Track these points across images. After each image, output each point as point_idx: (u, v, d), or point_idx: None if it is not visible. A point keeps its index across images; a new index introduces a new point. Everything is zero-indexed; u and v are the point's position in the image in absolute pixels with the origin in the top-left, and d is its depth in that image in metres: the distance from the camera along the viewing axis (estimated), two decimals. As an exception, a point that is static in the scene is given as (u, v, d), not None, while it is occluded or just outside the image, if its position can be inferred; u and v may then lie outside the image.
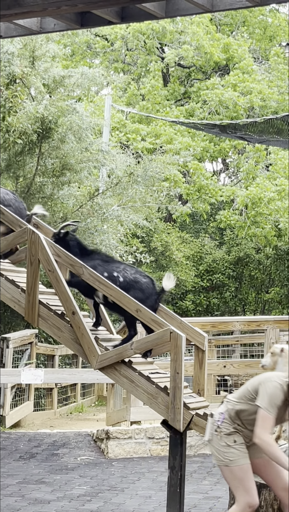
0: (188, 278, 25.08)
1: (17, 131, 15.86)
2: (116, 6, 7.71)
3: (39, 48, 17.73)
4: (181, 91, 29.25)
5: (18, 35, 8.13)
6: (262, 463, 6.30)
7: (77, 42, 30.67)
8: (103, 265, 8.44)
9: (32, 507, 8.89)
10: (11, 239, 8.55)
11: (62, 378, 14.80)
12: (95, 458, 11.63)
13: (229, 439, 6.21)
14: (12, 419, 14.54)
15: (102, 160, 18.17)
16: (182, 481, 7.87)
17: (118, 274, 8.39)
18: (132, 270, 8.52)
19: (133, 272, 8.51)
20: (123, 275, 8.40)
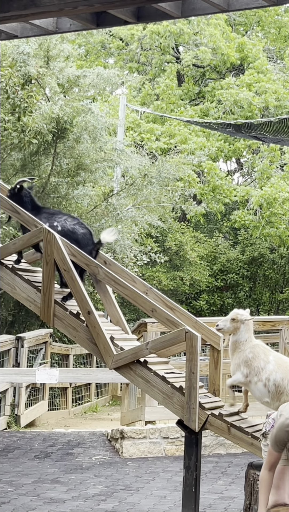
0: (202, 278, 25.06)
1: (33, 131, 15.88)
2: (132, 6, 7.71)
3: (53, 48, 17.76)
4: (195, 90, 29.22)
5: (34, 35, 8.14)
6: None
7: (91, 42, 30.69)
8: (47, 217, 8.77)
9: (47, 506, 8.90)
10: (27, 239, 8.57)
11: (76, 378, 14.82)
12: (110, 457, 11.64)
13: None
14: (27, 419, 14.57)
15: (117, 160, 18.19)
16: (197, 481, 7.87)
17: (58, 224, 8.70)
18: (73, 222, 8.80)
19: (74, 223, 8.78)
20: (62, 225, 8.70)
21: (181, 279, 24.57)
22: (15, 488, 9.72)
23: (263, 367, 7.80)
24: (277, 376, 7.77)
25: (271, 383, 7.76)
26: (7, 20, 7.30)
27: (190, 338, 7.78)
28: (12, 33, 8.18)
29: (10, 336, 14.64)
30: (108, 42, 30.93)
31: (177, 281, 24.42)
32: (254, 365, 7.82)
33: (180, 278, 24.56)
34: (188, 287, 24.73)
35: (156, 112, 27.01)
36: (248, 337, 7.99)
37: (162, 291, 21.75)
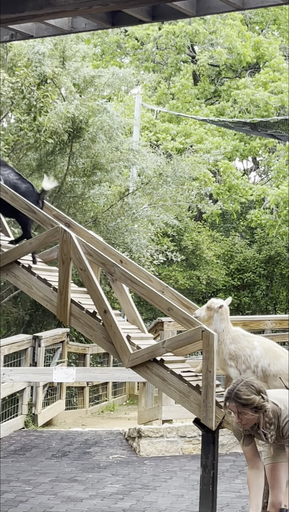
0: (219, 277, 25.04)
1: (48, 131, 15.92)
2: (147, 5, 7.71)
3: (69, 48, 17.80)
4: (211, 89, 29.19)
5: (50, 35, 8.16)
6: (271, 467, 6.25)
7: (107, 42, 30.72)
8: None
9: (65, 505, 8.92)
10: (43, 238, 8.59)
11: (93, 377, 14.84)
12: (127, 456, 11.65)
13: None
14: (44, 418, 14.60)
15: (133, 159, 18.21)
16: (214, 479, 7.86)
17: (1, 177, 8.81)
18: (15, 176, 8.91)
19: (16, 178, 8.89)
20: (5, 178, 8.82)
21: (198, 278, 24.56)
22: (33, 487, 9.75)
23: (250, 354, 7.83)
24: (264, 363, 7.79)
25: (259, 369, 7.81)
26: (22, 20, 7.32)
27: (206, 336, 7.77)
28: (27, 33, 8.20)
29: (27, 335, 14.68)
30: (124, 42, 30.95)
31: (194, 280, 24.41)
32: (240, 354, 7.82)
33: (197, 277, 24.55)
34: (205, 286, 24.71)
35: (171, 111, 27.00)
36: (225, 327, 7.99)
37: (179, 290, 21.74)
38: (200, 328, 7.80)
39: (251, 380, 6.00)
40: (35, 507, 8.77)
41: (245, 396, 5.82)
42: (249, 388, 5.87)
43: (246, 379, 5.95)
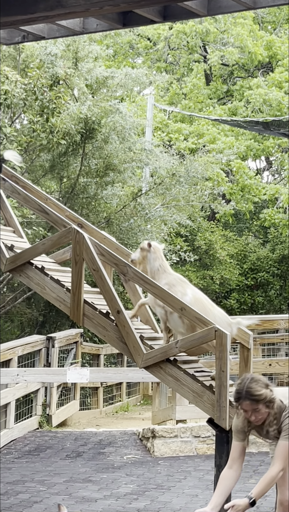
0: (232, 276, 25.01)
1: (61, 132, 15.94)
2: (159, 5, 7.71)
3: (82, 49, 17.82)
4: (224, 89, 29.16)
5: (61, 36, 8.16)
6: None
7: (119, 42, 30.74)
8: None
9: (79, 505, 8.93)
10: (56, 239, 8.60)
11: (107, 377, 14.85)
12: (141, 456, 11.66)
13: None
14: (59, 418, 14.63)
15: (146, 160, 18.21)
16: (228, 479, 7.85)
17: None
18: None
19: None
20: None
21: (211, 278, 24.53)
22: (47, 487, 9.77)
23: (180, 298, 7.95)
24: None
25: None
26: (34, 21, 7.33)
27: (219, 336, 7.77)
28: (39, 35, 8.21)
29: (41, 336, 14.71)
30: (136, 42, 30.97)
31: (207, 280, 24.39)
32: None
33: (210, 277, 24.52)
34: (218, 286, 24.68)
35: (184, 111, 26.99)
36: (159, 265, 8.25)
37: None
38: (213, 328, 7.80)
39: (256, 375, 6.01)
40: (49, 507, 8.79)
41: (257, 392, 5.82)
42: (258, 383, 5.87)
43: (250, 375, 5.96)
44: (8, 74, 15.14)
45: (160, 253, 8.36)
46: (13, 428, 12.83)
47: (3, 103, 14.98)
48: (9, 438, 12.67)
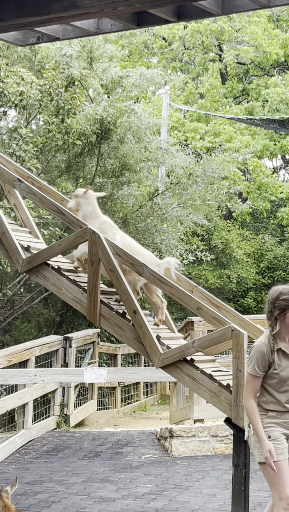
0: (249, 275, 24.98)
1: (76, 133, 15.97)
2: (173, 5, 7.71)
3: (97, 50, 17.84)
4: (239, 88, 29.12)
5: (76, 36, 8.18)
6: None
7: (134, 42, 30.75)
8: None
9: (98, 505, 8.94)
10: (72, 239, 8.62)
11: (125, 377, 14.87)
12: (159, 456, 11.66)
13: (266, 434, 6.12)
14: (76, 418, 14.65)
15: (161, 159, 18.21)
16: (246, 479, 7.85)
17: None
18: None
19: None
20: None
21: (228, 277, 24.50)
22: (66, 487, 9.79)
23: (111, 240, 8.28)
24: None
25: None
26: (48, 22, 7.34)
27: (236, 335, 7.76)
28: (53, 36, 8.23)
29: (58, 336, 14.74)
30: (151, 42, 30.97)
31: (224, 279, 24.36)
32: None
33: (227, 276, 24.49)
34: (235, 285, 24.66)
35: (199, 110, 26.98)
36: (92, 210, 8.69)
37: (209, 289, 21.73)
38: (229, 327, 7.79)
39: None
40: (68, 507, 8.80)
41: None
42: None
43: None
44: (24, 75, 15.18)
45: (93, 199, 8.80)
46: (31, 428, 12.86)
47: (19, 104, 15.02)
48: (27, 438, 12.70)
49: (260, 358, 6.07)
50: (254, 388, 6.08)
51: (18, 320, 17.96)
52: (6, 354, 12.12)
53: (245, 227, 27.66)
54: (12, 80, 14.92)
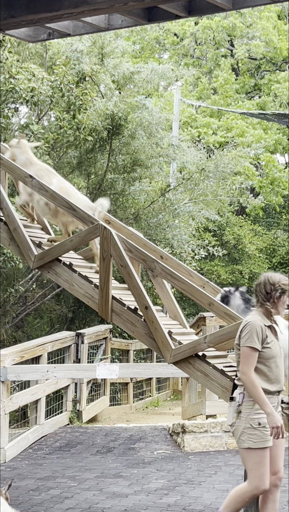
0: (261, 270, 24.92)
1: (88, 128, 15.98)
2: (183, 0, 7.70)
3: (108, 45, 17.83)
4: (251, 83, 29.07)
5: (86, 32, 8.18)
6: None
7: (146, 38, 30.72)
8: None
9: (110, 500, 8.96)
10: (84, 235, 8.62)
11: (137, 373, 14.87)
12: (171, 452, 11.66)
13: (254, 421, 6.31)
14: (89, 414, 14.68)
15: (173, 155, 18.19)
16: (258, 474, 7.84)
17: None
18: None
19: None
20: None
21: (240, 272, 24.47)
22: (78, 483, 9.81)
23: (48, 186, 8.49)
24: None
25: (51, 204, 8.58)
26: (59, 18, 7.36)
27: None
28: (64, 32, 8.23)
29: (70, 332, 14.76)
30: (163, 38, 30.93)
31: (236, 274, 24.34)
32: None
33: (239, 272, 24.47)
34: (247, 281, 24.62)
35: (211, 106, 26.94)
36: (26, 158, 8.85)
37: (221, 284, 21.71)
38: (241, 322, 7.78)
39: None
40: (80, 503, 8.82)
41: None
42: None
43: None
44: (35, 71, 15.19)
45: (26, 148, 8.96)
46: (43, 424, 12.89)
47: (30, 100, 15.03)
48: (40, 434, 12.73)
49: (259, 332, 6.39)
50: (253, 362, 6.34)
51: (31, 316, 18.00)
52: (19, 350, 12.16)
53: (257, 222, 27.62)
54: (24, 77, 14.93)
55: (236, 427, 6.37)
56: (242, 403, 6.35)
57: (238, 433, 6.34)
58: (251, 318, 6.50)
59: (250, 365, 6.31)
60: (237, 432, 6.35)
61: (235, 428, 6.38)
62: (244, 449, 6.28)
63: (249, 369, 6.30)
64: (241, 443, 6.31)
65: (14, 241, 8.83)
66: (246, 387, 6.28)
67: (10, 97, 14.98)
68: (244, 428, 6.30)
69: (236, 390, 6.49)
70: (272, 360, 6.42)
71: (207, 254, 20.25)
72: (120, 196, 17.51)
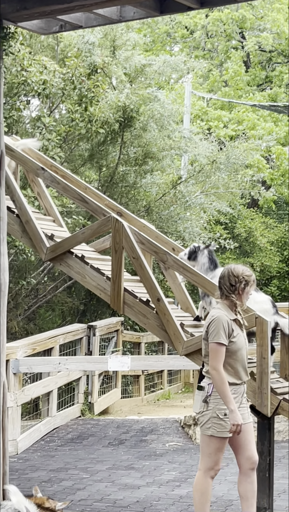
0: (273, 263, 24.90)
1: (99, 121, 15.97)
2: (196, -9, 7.66)
3: (119, 38, 17.81)
4: (262, 75, 28.99)
5: (98, 24, 8.14)
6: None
7: (157, 31, 30.66)
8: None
9: (122, 492, 8.98)
10: (96, 228, 8.63)
11: (148, 365, 14.88)
12: (183, 444, 11.68)
13: (221, 411, 6.49)
14: (101, 406, 14.70)
15: (184, 147, 18.17)
16: (270, 466, 7.86)
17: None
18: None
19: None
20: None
21: (251, 265, 24.43)
22: (90, 474, 9.84)
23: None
24: None
25: None
26: (71, 10, 7.33)
27: (260, 323, 7.75)
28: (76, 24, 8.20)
29: (82, 324, 14.78)
30: (174, 31, 30.87)
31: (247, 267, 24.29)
32: None
33: (250, 264, 24.42)
34: (259, 273, 24.58)
35: (222, 98, 26.88)
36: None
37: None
38: (253, 314, 7.79)
39: None
40: (92, 494, 8.85)
41: None
42: None
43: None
44: (47, 64, 15.19)
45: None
46: (55, 416, 12.93)
47: (42, 93, 15.03)
48: (52, 426, 12.77)
49: (225, 327, 6.51)
50: (222, 357, 6.48)
51: (42, 308, 18.03)
52: (31, 342, 12.19)
53: (269, 215, 27.56)
54: (35, 69, 14.93)
55: (203, 415, 6.57)
56: (211, 393, 6.53)
57: (204, 421, 6.56)
58: (217, 313, 6.59)
59: (219, 360, 6.47)
60: (203, 420, 6.57)
61: (202, 415, 6.58)
62: (207, 436, 6.56)
63: (219, 364, 6.46)
64: (205, 431, 6.57)
65: (26, 233, 8.85)
66: (215, 382, 6.46)
67: (22, 90, 14.98)
68: (211, 417, 6.53)
69: (204, 379, 6.63)
70: (239, 352, 6.59)
71: (219, 246, 20.23)
72: (132, 188, 17.50)
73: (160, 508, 8.31)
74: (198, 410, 6.61)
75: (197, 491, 6.71)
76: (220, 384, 6.41)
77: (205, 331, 6.60)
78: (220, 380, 6.42)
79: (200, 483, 6.70)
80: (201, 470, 6.71)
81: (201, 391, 6.60)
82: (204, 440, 6.62)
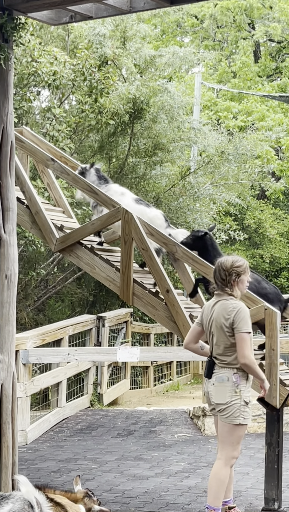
0: (282, 255, 24.86)
1: (110, 112, 15.96)
2: (206, -18, 7.65)
3: (130, 29, 17.77)
4: (272, 66, 28.90)
5: (109, 15, 8.13)
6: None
7: (167, 21, 30.59)
8: None
9: (131, 483, 9.01)
10: (105, 219, 8.64)
11: (157, 356, 14.87)
12: (192, 435, 11.70)
13: (247, 398, 6.69)
14: (110, 397, 14.74)
15: (194, 138, 18.14)
16: (279, 457, 7.87)
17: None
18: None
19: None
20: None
21: (261, 256, 24.42)
22: (99, 465, 9.87)
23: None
24: None
25: None
26: (81, 1, 7.33)
27: (269, 315, 7.75)
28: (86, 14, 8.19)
29: (91, 315, 14.81)
30: (184, 20, 30.79)
31: (257, 259, 24.29)
32: None
33: (260, 256, 24.41)
34: (268, 265, 24.57)
35: (231, 89, 26.82)
36: None
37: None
38: (262, 306, 7.79)
39: None
40: (101, 485, 8.88)
41: None
42: None
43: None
44: (57, 55, 15.18)
45: None
46: (65, 407, 12.96)
47: (52, 84, 15.03)
48: (61, 417, 12.81)
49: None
50: (252, 345, 6.71)
51: (52, 299, 18.06)
52: (40, 333, 12.22)
53: (278, 206, 27.51)
54: (46, 60, 14.92)
55: (232, 404, 6.65)
56: (239, 383, 6.65)
57: (232, 411, 6.66)
58: (239, 304, 6.71)
59: (251, 349, 6.63)
60: (232, 410, 6.66)
61: (230, 405, 6.66)
62: (235, 425, 6.67)
63: (251, 352, 6.63)
64: (233, 420, 6.66)
65: (36, 224, 8.86)
66: (251, 369, 6.62)
67: (32, 81, 14.98)
68: (240, 405, 6.65)
69: (223, 370, 6.69)
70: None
71: (228, 238, 20.21)
72: (142, 180, 17.49)
73: (169, 498, 8.34)
74: (225, 401, 6.68)
75: (217, 480, 6.74)
76: (255, 367, 6.63)
77: (228, 320, 6.62)
78: (255, 364, 6.63)
79: (220, 473, 6.74)
80: (221, 459, 6.76)
81: (223, 382, 6.68)
82: (228, 429, 6.72)
